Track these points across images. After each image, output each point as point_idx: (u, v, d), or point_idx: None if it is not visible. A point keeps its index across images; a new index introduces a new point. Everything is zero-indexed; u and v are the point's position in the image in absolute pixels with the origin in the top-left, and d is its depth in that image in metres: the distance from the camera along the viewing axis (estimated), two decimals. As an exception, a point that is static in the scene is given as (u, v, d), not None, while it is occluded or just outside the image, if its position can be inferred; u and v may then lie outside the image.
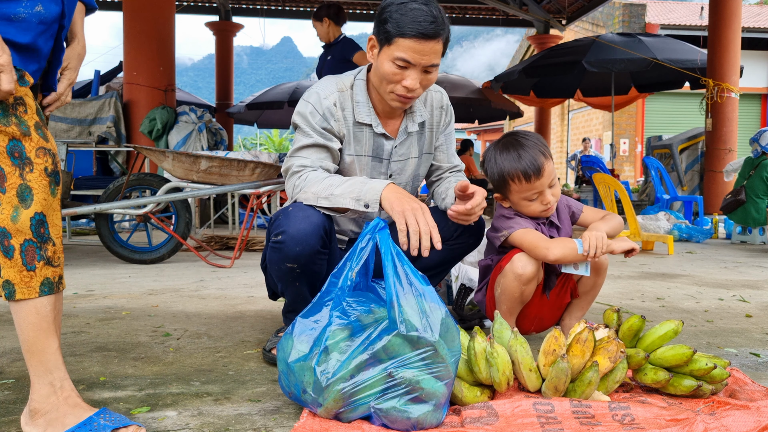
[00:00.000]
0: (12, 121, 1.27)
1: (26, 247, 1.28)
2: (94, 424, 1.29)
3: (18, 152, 1.28)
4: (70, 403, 1.33)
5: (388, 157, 1.97)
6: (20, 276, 1.28)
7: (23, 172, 1.28)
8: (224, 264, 4.29)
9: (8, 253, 1.27)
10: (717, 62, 8.22)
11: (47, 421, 1.31)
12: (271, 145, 33.98)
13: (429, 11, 1.73)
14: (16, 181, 1.28)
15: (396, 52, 1.74)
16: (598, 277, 2.06)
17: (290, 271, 1.77)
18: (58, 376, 1.33)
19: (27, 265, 1.28)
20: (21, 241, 1.27)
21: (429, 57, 1.75)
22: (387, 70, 1.78)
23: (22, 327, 1.31)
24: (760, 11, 19.08)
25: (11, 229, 1.27)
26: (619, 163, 17.09)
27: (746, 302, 3.06)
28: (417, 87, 1.79)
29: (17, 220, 1.27)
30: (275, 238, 1.76)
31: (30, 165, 1.29)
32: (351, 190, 1.72)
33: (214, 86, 13.57)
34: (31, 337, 1.31)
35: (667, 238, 5.26)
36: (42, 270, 1.30)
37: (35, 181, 1.29)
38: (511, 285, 1.94)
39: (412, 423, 1.35)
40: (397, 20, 1.73)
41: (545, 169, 1.96)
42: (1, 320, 2.50)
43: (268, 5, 13.83)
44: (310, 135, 1.85)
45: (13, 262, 1.27)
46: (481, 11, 14.10)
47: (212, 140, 8.01)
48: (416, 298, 1.39)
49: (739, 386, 1.66)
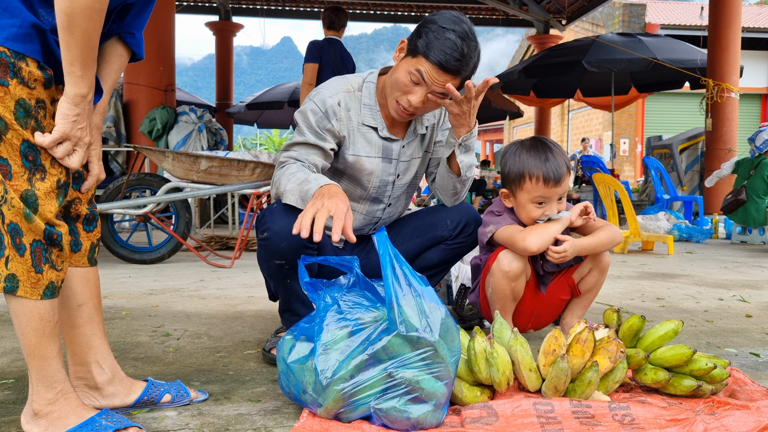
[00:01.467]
0: (30, 124, 1.24)
1: (35, 247, 1.26)
2: (96, 425, 1.29)
3: (32, 156, 1.24)
4: (72, 404, 1.33)
5: (397, 157, 1.98)
6: (27, 275, 1.26)
7: (32, 178, 1.25)
8: (224, 264, 4.29)
9: (20, 250, 1.25)
10: (717, 62, 8.23)
11: (49, 421, 1.31)
12: (271, 145, 33.96)
13: (460, 47, 1.74)
14: (22, 185, 1.24)
15: (416, 65, 1.77)
16: (600, 276, 2.07)
17: (279, 267, 1.77)
18: (59, 378, 1.33)
19: (36, 267, 1.26)
20: (31, 240, 1.25)
21: (441, 85, 1.77)
22: (401, 79, 1.80)
23: (24, 332, 1.30)
24: (760, 11, 19.09)
25: (24, 227, 1.24)
26: (619, 163, 17.09)
27: (746, 302, 3.06)
28: (419, 106, 1.81)
29: (31, 220, 1.24)
30: (261, 235, 1.76)
31: (42, 173, 1.26)
32: (299, 189, 1.71)
33: (214, 86, 13.57)
34: (33, 342, 1.30)
35: (667, 238, 5.27)
36: (48, 273, 1.28)
37: (43, 190, 1.25)
38: (500, 283, 1.95)
39: (412, 423, 1.35)
40: (429, 40, 1.75)
41: (564, 181, 1.98)
42: (1, 320, 2.50)
43: (268, 5, 13.83)
44: (304, 133, 1.87)
45: (23, 259, 1.25)
46: (481, 11, 14.10)
47: (212, 140, 8.01)
48: (415, 298, 1.39)
49: (739, 386, 1.66)
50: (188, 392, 1.55)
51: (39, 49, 1.23)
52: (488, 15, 14.34)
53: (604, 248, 2.03)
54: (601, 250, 2.03)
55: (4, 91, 1.20)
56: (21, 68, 1.21)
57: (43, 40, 1.24)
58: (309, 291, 1.52)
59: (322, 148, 1.86)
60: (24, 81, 1.22)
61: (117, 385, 1.49)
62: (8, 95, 1.20)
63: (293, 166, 1.80)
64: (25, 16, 1.21)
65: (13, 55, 1.20)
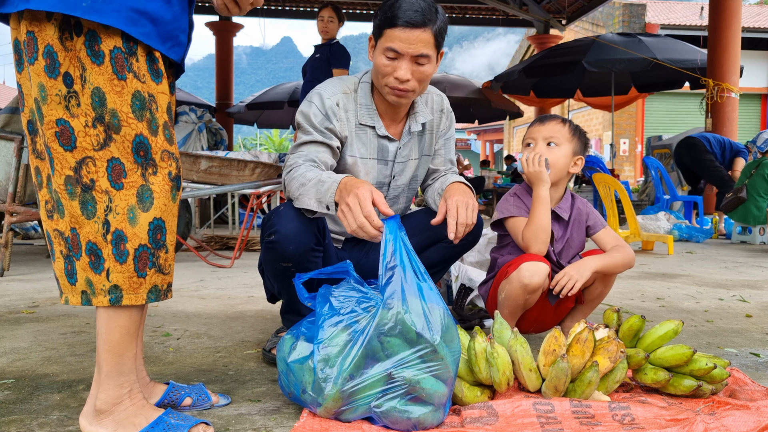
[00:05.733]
0: (146, 116, 1.23)
1: (140, 252, 1.23)
2: (166, 424, 1.29)
3: (144, 151, 1.23)
4: (137, 404, 1.32)
5: (392, 158, 1.98)
6: (129, 282, 1.23)
7: (146, 173, 1.23)
8: (224, 264, 4.29)
9: (122, 257, 1.23)
10: (717, 62, 8.22)
11: (116, 421, 1.29)
12: (271, 145, 33.98)
13: (417, 3, 1.76)
14: (137, 180, 1.23)
15: (385, 43, 1.79)
16: (604, 288, 2.07)
17: (285, 270, 1.77)
18: (129, 379, 1.31)
19: (138, 272, 1.24)
20: (136, 245, 1.23)
21: (416, 46, 1.77)
22: (379, 63, 1.82)
23: (110, 327, 1.26)
24: (760, 11, 19.08)
25: (128, 232, 1.22)
26: (619, 163, 17.08)
27: (746, 302, 3.06)
28: (409, 78, 1.80)
29: (135, 222, 1.22)
30: (268, 237, 1.75)
31: (154, 167, 1.25)
32: (316, 191, 1.67)
33: (214, 86, 13.58)
34: (116, 339, 1.27)
35: (667, 238, 5.27)
36: (152, 277, 1.26)
37: (158, 184, 1.25)
38: (515, 292, 1.93)
39: (412, 423, 1.35)
40: (385, 13, 1.78)
41: (550, 126, 2.07)
42: (1, 320, 2.50)
43: (268, 5, 13.82)
44: (309, 132, 1.86)
45: (124, 267, 1.23)
46: (481, 11, 14.10)
47: (212, 140, 8.01)
48: (419, 297, 1.39)
49: (739, 386, 1.66)
50: (209, 396, 1.53)
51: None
52: (488, 15, 14.34)
53: (617, 272, 2.04)
54: (613, 273, 2.04)
55: (121, 85, 1.20)
56: (132, 63, 1.21)
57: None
58: (311, 305, 1.52)
59: (330, 146, 1.86)
60: (137, 75, 1.22)
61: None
62: (125, 89, 1.20)
63: (302, 167, 1.77)
64: None
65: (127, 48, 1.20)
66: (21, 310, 2.70)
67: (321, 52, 5.22)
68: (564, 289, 1.93)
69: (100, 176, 1.22)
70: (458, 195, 1.82)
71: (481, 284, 2.21)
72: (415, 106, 1.98)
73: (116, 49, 1.20)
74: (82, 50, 1.19)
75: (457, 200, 1.79)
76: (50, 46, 1.19)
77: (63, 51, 1.19)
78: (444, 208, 1.78)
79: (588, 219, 2.14)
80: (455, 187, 1.90)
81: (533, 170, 1.97)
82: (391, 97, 1.85)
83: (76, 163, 1.22)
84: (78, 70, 1.19)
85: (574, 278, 1.93)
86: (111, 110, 1.20)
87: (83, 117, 1.20)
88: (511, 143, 26.30)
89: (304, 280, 1.56)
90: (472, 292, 2.50)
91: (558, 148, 2.04)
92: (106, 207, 1.22)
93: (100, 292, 1.24)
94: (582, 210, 2.14)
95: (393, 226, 1.44)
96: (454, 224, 1.74)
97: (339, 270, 1.53)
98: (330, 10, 5.28)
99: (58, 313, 2.64)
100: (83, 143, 1.21)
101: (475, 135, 30.10)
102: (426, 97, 2.04)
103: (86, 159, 1.21)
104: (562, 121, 2.08)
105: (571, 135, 2.07)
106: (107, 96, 1.20)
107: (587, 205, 2.16)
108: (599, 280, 2.04)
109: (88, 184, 1.22)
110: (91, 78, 1.19)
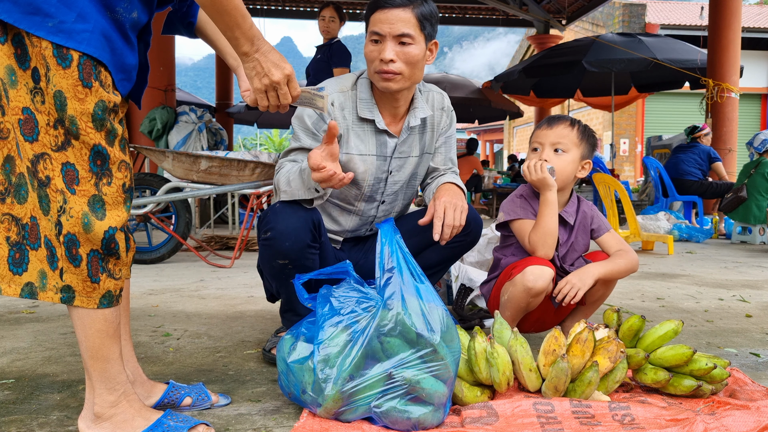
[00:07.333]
0: (106, 126, 1.22)
1: (92, 257, 1.23)
2: (165, 426, 1.29)
3: (101, 160, 1.22)
4: (135, 405, 1.32)
5: (390, 154, 1.98)
6: (83, 285, 1.23)
7: (99, 182, 1.22)
8: (224, 264, 4.29)
9: (75, 261, 1.22)
10: (717, 62, 8.22)
11: (114, 424, 1.28)
12: (271, 145, 33.97)
13: None
14: (89, 189, 1.21)
15: (370, 29, 1.83)
16: (606, 290, 2.07)
17: (282, 267, 1.77)
18: (121, 380, 1.31)
19: (92, 277, 1.23)
20: (88, 250, 1.22)
21: (396, 25, 1.78)
22: (366, 51, 1.85)
23: (88, 334, 1.26)
24: (760, 11, 19.08)
25: (82, 238, 1.21)
26: (619, 163, 17.08)
27: (746, 302, 3.06)
28: (393, 58, 1.80)
29: (90, 229, 1.21)
30: (264, 235, 1.76)
31: (110, 177, 1.23)
32: (301, 180, 1.74)
33: (214, 86, 13.56)
34: (96, 344, 1.27)
35: (667, 238, 5.27)
36: (105, 282, 1.26)
37: (111, 195, 1.24)
38: (519, 295, 1.92)
39: (412, 423, 1.35)
40: (371, 2, 1.83)
41: (558, 130, 2.02)
42: (1, 320, 2.50)
43: (268, 5, 13.82)
44: (300, 139, 1.90)
45: (78, 270, 1.23)
46: (481, 11, 14.10)
47: (212, 140, 8.00)
48: (417, 298, 1.39)
49: (739, 386, 1.66)
50: (209, 396, 1.53)
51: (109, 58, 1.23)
52: (488, 15, 14.33)
53: (620, 277, 2.04)
54: (616, 279, 2.04)
55: (85, 93, 1.18)
56: (100, 71, 1.20)
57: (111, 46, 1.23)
58: (311, 306, 1.52)
59: None
60: (102, 84, 1.21)
61: (138, 388, 1.48)
62: (89, 97, 1.19)
63: (286, 166, 1.84)
64: (95, 21, 1.19)
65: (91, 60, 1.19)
66: (21, 310, 2.70)
67: (322, 53, 5.22)
68: (567, 297, 1.92)
69: (55, 175, 1.20)
70: (447, 196, 1.84)
71: (483, 283, 2.20)
72: (415, 102, 1.98)
73: (84, 56, 1.18)
74: (48, 49, 1.16)
75: (445, 201, 1.80)
76: (20, 35, 1.17)
77: (30, 46, 1.17)
78: (432, 209, 1.79)
79: (593, 222, 2.13)
80: (445, 188, 1.91)
81: (536, 178, 1.96)
82: (380, 83, 1.86)
83: (34, 156, 1.20)
84: (43, 68, 1.17)
85: (576, 286, 1.92)
86: (70, 117, 1.18)
87: (46, 116, 1.19)
88: (511, 143, 26.30)
89: (304, 280, 1.56)
90: (472, 292, 2.50)
91: (565, 154, 2.01)
92: (60, 207, 1.21)
93: (52, 289, 1.24)
94: (587, 213, 2.13)
95: (388, 229, 1.44)
96: (440, 225, 1.76)
97: (339, 270, 1.53)
98: (331, 9, 5.28)
99: (58, 313, 2.64)
100: (44, 139, 1.20)
101: (475, 135, 30.09)
102: (427, 95, 2.05)
103: (44, 155, 1.20)
104: (571, 124, 2.03)
105: (579, 139, 2.03)
106: (68, 102, 1.18)
107: (592, 208, 2.15)
108: (601, 283, 2.03)
109: (43, 180, 1.21)
110: (55, 80, 1.17)
